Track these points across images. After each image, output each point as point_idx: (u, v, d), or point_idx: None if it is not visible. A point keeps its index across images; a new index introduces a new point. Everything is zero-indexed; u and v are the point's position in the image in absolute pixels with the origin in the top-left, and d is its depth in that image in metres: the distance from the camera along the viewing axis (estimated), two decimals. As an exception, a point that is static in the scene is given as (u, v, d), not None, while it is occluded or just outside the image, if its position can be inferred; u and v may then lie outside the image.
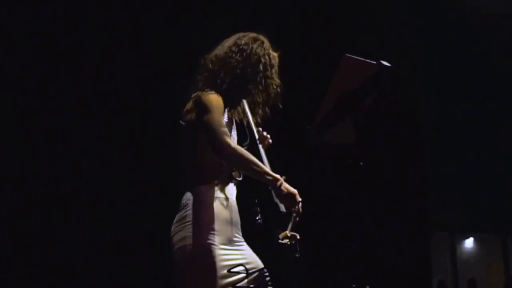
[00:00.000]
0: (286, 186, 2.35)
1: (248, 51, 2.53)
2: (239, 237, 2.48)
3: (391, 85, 2.26)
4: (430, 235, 8.30)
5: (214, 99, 2.41)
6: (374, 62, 2.25)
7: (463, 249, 15.55)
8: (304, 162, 5.13)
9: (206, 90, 2.46)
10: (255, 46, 2.55)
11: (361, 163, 2.21)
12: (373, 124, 5.87)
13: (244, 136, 2.59)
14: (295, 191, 2.35)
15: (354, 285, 2.53)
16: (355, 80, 2.24)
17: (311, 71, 5.01)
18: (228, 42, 2.59)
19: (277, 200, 2.38)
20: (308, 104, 2.51)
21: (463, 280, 12.36)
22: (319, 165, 5.51)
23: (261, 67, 2.51)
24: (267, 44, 2.60)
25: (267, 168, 2.38)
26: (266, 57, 2.54)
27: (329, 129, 2.31)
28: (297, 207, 2.34)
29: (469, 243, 15.83)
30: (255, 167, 2.34)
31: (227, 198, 2.44)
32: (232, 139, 2.44)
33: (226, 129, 2.36)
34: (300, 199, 2.33)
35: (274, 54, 2.60)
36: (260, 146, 2.48)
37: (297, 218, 2.34)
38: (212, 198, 2.40)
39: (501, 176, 10.73)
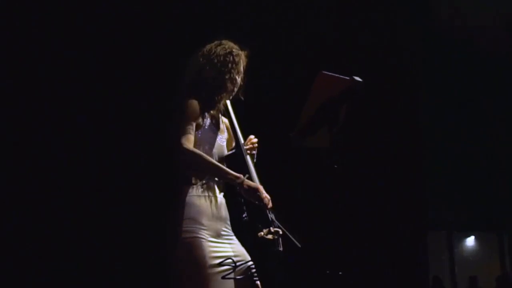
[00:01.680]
0: (247, 183, 2.57)
1: (213, 56, 2.78)
2: (227, 231, 2.70)
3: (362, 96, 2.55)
4: (427, 232, 8.38)
5: (189, 106, 2.65)
6: (348, 78, 2.54)
7: (464, 247, 15.70)
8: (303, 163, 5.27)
9: (186, 96, 2.70)
10: (218, 49, 2.80)
11: (335, 166, 2.49)
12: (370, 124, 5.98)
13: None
14: (257, 186, 2.58)
15: (327, 271, 2.74)
16: (330, 93, 2.54)
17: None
18: (200, 51, 2.85)
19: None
20: (291, 113, 2.78)
21: (463, 278, 12.58)
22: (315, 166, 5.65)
23: (224, 68, 2.76)
24: (230, 45, 2.85)
25: (251, 169, 2.64)
26: (229, 56, 2.78)
27: (308, 135, 2.61)
28: (263, 201, 2.56)
29: (470, 241, 15.99)
30: (212, 168, 2.60)
31: (215, 196, 2.67)
32: (190, 141, 2.59)
33: (189, 135, 2.57)
34: (264, 194, 2.56)
35: (239, 53, 2.84)
36: (243, 148, 2.72)
37: (269, 211, 2.57)
38: (201, 197, 2.63)
39: (498, 174, 10.84)
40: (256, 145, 2.88)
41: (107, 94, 4.59)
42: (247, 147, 2.83)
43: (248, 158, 2.70)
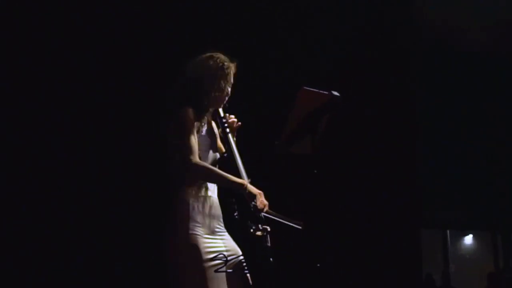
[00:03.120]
0: (250, 189, 2.84)
1: (205, 69, 2.99)
2: (221, 228, 2.94)
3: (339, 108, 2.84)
4: (421, 230, 8.44)
5: (187, 118, 2.85)
6: (326, 92, 2.86)
7: (462, 245, 15.90)
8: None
9: (182, 106, 2.89)
10: (210, 63, 3.01)
11: (315, 171, 2.80)
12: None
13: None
14: (258, 192, 2.85)
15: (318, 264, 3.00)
16: (311, 105, 2.86)
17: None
18: (193, 62, 3.06)
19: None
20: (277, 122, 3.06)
21: (456, 275, 12.82)
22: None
23: (216, 80, 2.98)
24: (221, 58, 3.04)
25: (242, 170, 2.89)
26: (221, 70, 3.00)
27: (292, 143, 2.93)
28: (262, 205, 2.82)
29: (468, 239, 16.19)
30: (220, 179, 2.86)
31: (209, 196, 2.91)
32: (195, 155, 2.82)
33: (192, 148, 2.80)
34: (262, 199, 2.83)
35: (230, 65, 3.05)
36: (234, 153, 2.99)
37: (265, 211, 2.83)
38: (195, 197, 2.86)
39: (494, 174, 10.89)
40: (236, 121, 3.14)
41: (106, 94, 4.70)
42: (229, 121, 3.10)
43: (239, 161, 2.95)
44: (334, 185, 5.81)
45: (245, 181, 2.85)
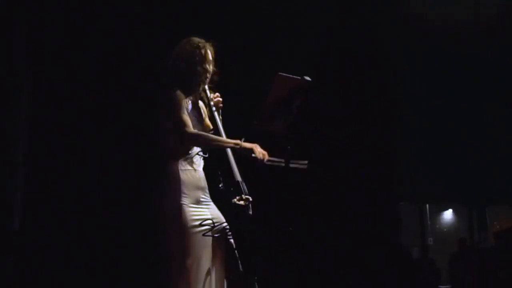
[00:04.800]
0: (245, 145, 3.13)
1: (183, 52, 3.27)
2: (206, 198, 3.21)
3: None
4: (397, 204, 8.74)
5: (176, 96, 3.13)
6: (299, 78, 3.20)
7: (441, 220, 16.31)
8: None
9: (169, 87, 3.17)
10: (187, 46, 3.28)
11: (289, 147, 3.16)
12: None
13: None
14: (254, 145, 3.15)
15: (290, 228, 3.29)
16: (285, 89, 3.21)
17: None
18: (180, 46, 3.32)
19: (234, 170, 3.17)
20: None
21: (434, 248, 13.24)
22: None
23: (194, 60, 3.23)
24: (196, 40, 3.30)
25: (223, 137, 3.19)
26: (196, 50, 3.25)
27: (268, 123, 3.28)
28: (261, 155, 3.11)
29: (447, 214, 16.60)
30: (216, 142, 3.16)
31: (195, 170, 3.18)
32: (190, 127, 3.11)
33: (186, 121, 3.09)
34: (259, 149, 3.11)
35: (205, 45, 3.29)
36: (220, 129, 3.28)
37: (266, 160, 3.11)
38: (183, 170, 3.13)
39: (470, 150, 11.00)
40: (221, 100, 3.42)
41: (106, 93, 4.88)
42: (215, 100, 3.39)
43: (225, 136, 3.24)
44: (311, 161, 6.03)
45: (238, 140, 3.15)
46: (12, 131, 4.59)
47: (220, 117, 3.38)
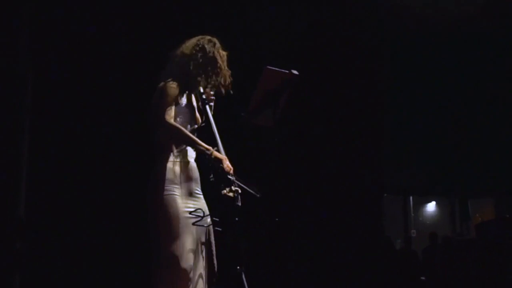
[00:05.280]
0: (215, 154, 3.14)
1: (206, 50, 3.30)
2: (198, 191, 3.26)
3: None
4: (381, 196, 8.75)
5: (170, 88, 3.15)
6: (287, 71, 3.26)
7: (425, 212, 16.51)
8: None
9: (169, 80, 3.18)
10: (209, 46, 3.34)
11: (276, 139, 3.22)
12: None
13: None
14: (223, 157, 3.15)
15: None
16: (273, 83, 3.26)
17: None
18: (191, 42, 3.33)
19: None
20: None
21: (417, 239, 13.34)
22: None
23: (214, 62, 3.30)
24: (218, 45, 3.35)
25: (217, 138, 3.19)
26: (218, 55, 3.33)
27: (256, 116, 3.34)
28: (228, 168, 3.12)
29: (431, 206, 16.80)
30: (189, 140, 3.16)
31: (187, 162, 3.24)
32: (170, 117, 3.12)
33: (169, 111, 3.10)
34: (227, 164, 3.13)
35: (223, 53, 3.35)
36: (213, 123, 3.26)
37: (230, 176, 3.11)
38: (176, 162, 3.18)
39: (454, 143, 11.19)
40: (214, 97, 3.41)
41: (105, 92, 4.88)
42: (207, 95, 3.38)
43: (215, 130, 3.25)
44: (297, 153, 6.14)
45: (210, 147, 3.18)
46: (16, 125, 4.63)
47: (212, 112, 3.39)
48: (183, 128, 3.18)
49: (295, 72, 3.27)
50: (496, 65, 9.34)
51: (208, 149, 3.17)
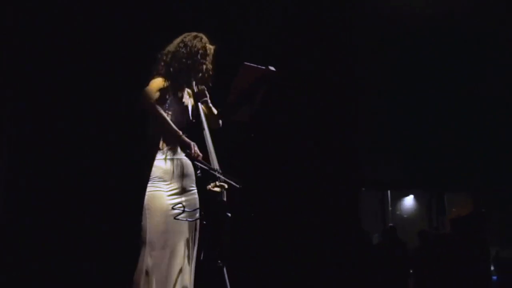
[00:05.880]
0: (183, 139, 3.20)
1: (190, 45, 3.39)
2: (193, 187, 3.35)
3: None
4: (359, 190, 8.83)
5: (156, 80, 3.24)
6: (264, 67, 3.28)
7: (402, 205, 16.63)
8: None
9: (156, 76, 3.29)
10: (195, 41, 3.41)
11: (252, 135, 3.24)
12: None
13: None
14: (190, 143, 3.19)
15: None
16: (250, 79, 3.28)
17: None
18: (177, 40, 3.46)
19: (212, 158, 3.19)
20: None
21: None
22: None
23: (199, 57, 3.38)
24: (205, 39, 3.43)
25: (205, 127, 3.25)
26: (203, 49, 3.40)
27: (233, 111, 3.35)
28: (195, 154, 3.17)
29: (408, 200, 16.93)
30: (162, 121, 3.20)
31: (178, 159, 3.32)
32: (151, 98, 3.20)
33: (153, 96, 3.18)
34: (194, 149, 3.16)
35: (210, 47, 3.42)
36: (203, 119, 3.29)
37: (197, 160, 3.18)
38: (167, 159, 3.27)
39: (431, 137, 11.19)
40: (207, 94, 3.46)
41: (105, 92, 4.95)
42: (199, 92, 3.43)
43: (205, 125, 3.29)
44: (275, 147, 6.17)
45: (180, 132, 3.22)
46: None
47: (204, 108, 3.42)
48: (161, 112, 3.22)
49: (272, 68, 3.29)
50: (470, 57, 9.42)
51: (178, 134, 3.22)
